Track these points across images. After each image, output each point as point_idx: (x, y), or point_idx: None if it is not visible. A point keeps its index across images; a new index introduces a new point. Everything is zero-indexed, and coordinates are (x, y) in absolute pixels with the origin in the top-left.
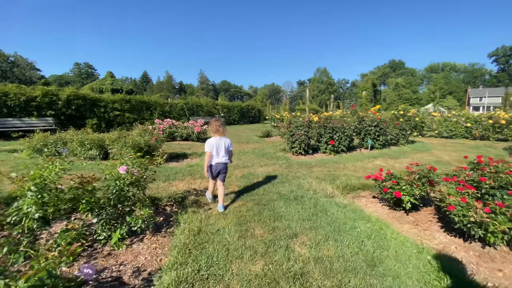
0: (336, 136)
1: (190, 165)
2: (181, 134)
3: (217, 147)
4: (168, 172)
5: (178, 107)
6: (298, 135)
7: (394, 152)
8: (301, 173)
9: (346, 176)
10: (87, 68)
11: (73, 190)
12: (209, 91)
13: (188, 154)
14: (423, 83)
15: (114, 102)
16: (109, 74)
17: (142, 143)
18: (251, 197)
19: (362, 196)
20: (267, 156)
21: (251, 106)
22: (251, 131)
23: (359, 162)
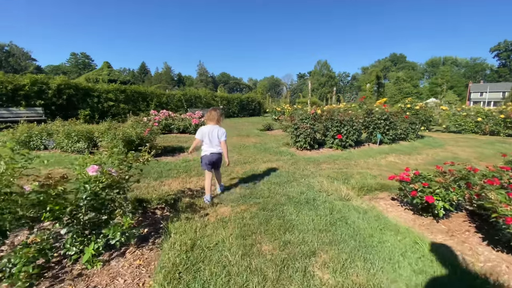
0: (344, 130)
1: (186, 160)
2: (178, 126)
3: (210, 136)
4: (161, 168)
5: (176, 98)
6: (303, 129)
7: (405, 147)
8: (310, 170)
9: (360, 175)
10: (84, 58)
11: (33, 194)
12: (208, 83)
13: (185, 148)
14: (424, 77)
15: (108, 92)
16: (106, 65)
17: (134, 136)
18: (255, 200)
19: (380, 198)
20: (270, 151)
21: (251, 99)
22: (252, 124)
23: (371, 158)
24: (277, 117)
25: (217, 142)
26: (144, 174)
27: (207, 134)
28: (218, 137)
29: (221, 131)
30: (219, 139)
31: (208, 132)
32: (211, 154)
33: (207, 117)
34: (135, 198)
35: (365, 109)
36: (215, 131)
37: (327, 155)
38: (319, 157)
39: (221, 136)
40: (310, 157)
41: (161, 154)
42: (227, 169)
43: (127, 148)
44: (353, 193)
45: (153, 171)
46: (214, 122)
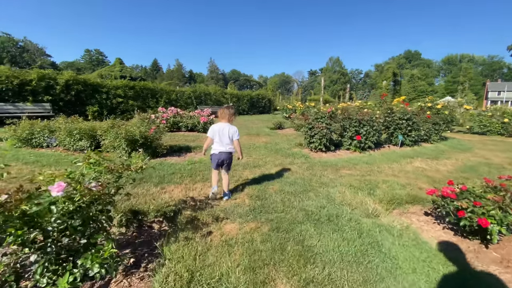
0: (363, 131)
1: (192, 162)
2: (186, 124)
3: (220, 134)
4: (165, 170)
5: (185, 95)
6: (319, 129)
7: (431, 150)
8: (328, 177)
9: (386, 184)
10: (98, 55)
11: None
12: (219, 80)
13: (192, 148)
14: (440, 75)
15: (117, 88)
16: (118, 61)
17: (137, 135)
18: (267, 216)
19: (412, 213)
20: (282, 152)
21: (261, 96)
22: (262, 122)
23: (395, 163)
24: (288, 115)
25: (227, 141)
26: (145, 178)
27: (217, 132)
28: (229, 136)
29: (232, 130)
30: (231, 138)
31: (219, 130)
32: (219, 153)
33: (220, 114)
34: (130, 210)
35: (386, 108)
36: (226, 129)
37: (345, 158)
38: (337, 160)
39: (233, 134)
40: (326, 160)
41: (167, 154)
42: (236, 173)
43: (130, 147)
44: (381, 207)
45: (155, 175)
46: (226, 120)
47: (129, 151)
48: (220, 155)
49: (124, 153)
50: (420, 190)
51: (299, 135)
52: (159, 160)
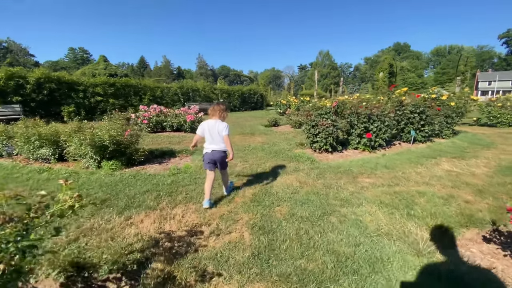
0: (374, 127)
1: (175, 172)
2: (171, 123)
3: (211, 131)
4: (137, 187)
5: (172, 92)
6: (323, 126)
7: (449, 147)
8: (347, 189)
9: (424, 198)
10: (82, 53)
11: None
12: (208, 76)
13: (177, 152)
14: (429, 67)
15: (96, 85)
16: (102, 59)
17: (107, 140)
18: (280, 267)
19: (468, 240)
20: (282, 155)
21: (253, 91)
22: (255, 119)
23: (419, 166)
24: (282, 111)
25: (219, 139)
26: (109, 200)
27: (207, 129)
28: (218, 133)
29: (222, 125)
30: (221, 135)
31: (209, 127)
32: (212, 152)
33: (210, 112)
34: (72, 262)
35: (395, 100)
36: (216, 126)
37: (357, 160)
38: (349, 164)
39: (222, 130)
40: (336, 164)
41: (146, 161)
42: (232, 187)
43: (99, 155)
44: (427, 234)
45: (123, 195)
46: (217, 116)
47: (98, 159)
48: (213, 154)
49: (92, 162)
50: (467, 204)
51: (298, 132)
52: (134, 170)
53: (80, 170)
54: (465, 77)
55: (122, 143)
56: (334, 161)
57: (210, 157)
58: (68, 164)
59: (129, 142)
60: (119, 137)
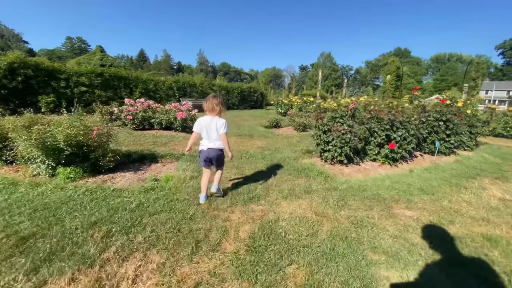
0: (397, 136)
1: (149, 187)
2: (160, 120)
3: (208, 128)
4: (85, 215)
5: (166, 86)
6: (338, 132)
7: (482, 163)
8: (386, 231)
9: (499, 249)
10: (80, 43)
11: None
12: (208, 73)
13: (160, 156)
14: (428, 73)
15: (80, 74)
16: (99, 49)
17: (61, 140)
18: None
19: None
20: (288, 166)
21: (253, 89)
22: (254, 118)
23: (463, 190)
24: (283, 111)
25: (216, 136)
26: (36, 236)
27: (204, 126)
28: (217, 130)
29: (220, 122)
30: (218, 132)
31: (206, 124)
32: (208, 150)
33: (205, 107)
34: None
35: (417, 105)
36: (214, 122)
37: (381, 178)
38: (373, 183)
39: (220, 128)
40: (357, 182)
41: (118, 167)
42: (218, 219)
43: (53, 160)
44: None
45: (57, 229)
46: (214, 112)
47: (53, 165)
48: (209, 152)
49: (44, 169)
50: None
51: (303, 137)
52: (99, 180)
53: (26, 178)
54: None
55: (85, 144)
56: (352, 177)
57: (205, 155)
58: (17, 168)
59: (97, 143)
60: (81, 137)
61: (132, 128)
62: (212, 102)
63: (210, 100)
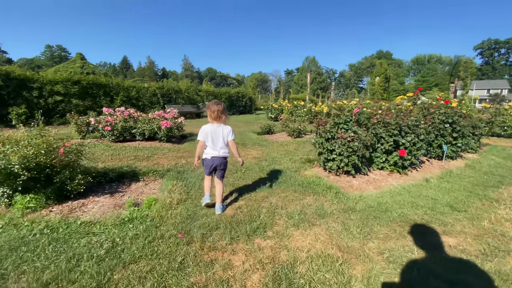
0: (406, 141)
1: (126, 220)
2: (142, 130)
3: (213, 136)
4: (31, 272)
5: (150, 92)
6: (344, 140)
7: (496, 167)
8: (432, 270)
9: None
10: (60, 51)
11: None
12: (194, 79)
13: (141, 173)
14: (410, 75)
15: (55, 83)
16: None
17: (16, 163)
18: None
19: None
20: (291, 181)
21: (241, 94)
22: (245, 124)
23: (495, 204)
24: (274, 115)
25: (221, 144)
26: None
27: (209, 134)
28: (223, 138)
29: (226, 130)
30: (225, 140)
31: (212, 132)
32: (212, 158)
33: (209, 115)
34: None
35: (424, 107)
36: (219, 130)
37: (397, 190)
38: (390, 198)
39: (227, 135)
40: (374, 198)
41: (88, 191)
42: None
43: (8, 186)
44: None
45: None
46: (220, 121)
47: (9, 192)
48: (213, 160)
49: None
50: None
51: (299, 143)
52: (66, 209)
53: None
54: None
55: (49, 166)
56: (364, 191)
57: (209, 163)
58: None
59: (65, 162)
60: (42, 158)
61: (112, 140)
62: (217, 110)
63: (214, 108)
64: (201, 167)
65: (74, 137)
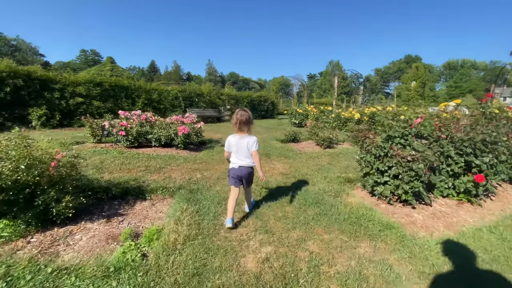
0: (483, 163)
1: (112, 270)
2: (158, 136)
3: (237, 145)
4: None
5: (171, 96)
6: (402, 160)
7: None
8: None
9: None
10: (93, 55)
11: None
12: (217, 82)
13: (148, 190)
14: (441, 80)
15: (77, 84)
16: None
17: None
18: None
19: None
20: (332, 212)
21: (263, 98)
22: (267, 130)
23: None
24: (298, 121)
25: (246, 154)
26: None
27: (234, 144)
28: (247, 147)
29: (251, 141)
30: (250, 150)
31: (236, 143)
32: (239, 168)
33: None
34: None
35: (500, 117)
36: (244, 141)
37: (485, 236)
38: (489, 255)
39: (252, 146)
40: (458, 250)
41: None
42: None
43: None
44: None
45: None
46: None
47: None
48: (240, 170)
49: None
50: None
51: (331, 155)
52: (46, 241)
53: None
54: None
55: (31, 184)
56: (435, 233)
57: (236, 173)
58: None
59: (55, 180)
60: (23, 174)
61: (126, 146)
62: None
63: (237, 118)
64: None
65: (89, 140)
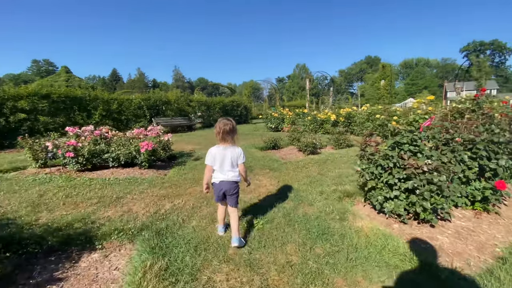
0: (499, 166)
1: None
2: (116, 155)
3: (221, 159)
4: None
5: (134, 105)
6: (417, 171)
7: None
8: None
9: None
10: (47, 65)
11: None
12: (185, 89)
13: (99, 235)
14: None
15: (19, 98)
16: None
17: None
18: None
19: None
20: (341, 244)
21: (236, 103)
22: (243, 137)
23: None
24: (274, 125)
25: (228, 167)
26: None
27: (218, 157)
28: (231, 161)
29: (236, 153)
30: (235, 163)
31: (219, 156)
32: (220, 183)
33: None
34: None
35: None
36: (229, 152)
37: None
38: None
39: (238, 158)
40: None
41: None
42: None
43: None
44: None
45: None
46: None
47: None
48: (221, 184)
49: None
50: None
51: (318, 162)
52: None
53: None
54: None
55: None
56: (472, 261)
57: (218, 187)
58: None
59: None
60: None
61: (77, 169)
62: (222, 131)
63: (220, 128)
64: None
65: (30, 165)
